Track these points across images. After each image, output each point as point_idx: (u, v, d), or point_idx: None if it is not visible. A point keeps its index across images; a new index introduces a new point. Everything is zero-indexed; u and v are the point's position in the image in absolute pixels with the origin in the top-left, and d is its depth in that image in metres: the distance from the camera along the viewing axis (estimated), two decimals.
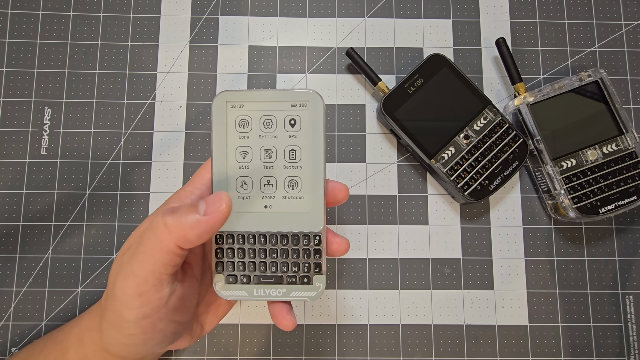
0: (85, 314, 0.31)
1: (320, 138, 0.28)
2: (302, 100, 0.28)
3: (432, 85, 0.39)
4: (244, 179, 0.29)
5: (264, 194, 0.29)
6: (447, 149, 0.38)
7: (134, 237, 0.27)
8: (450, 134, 0.38)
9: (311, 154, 0.28)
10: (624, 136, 0.38)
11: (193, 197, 0.28)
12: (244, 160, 0.29)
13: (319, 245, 0.29)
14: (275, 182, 0.29)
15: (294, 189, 0.29)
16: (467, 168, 0.38)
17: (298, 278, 0.29)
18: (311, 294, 0.29)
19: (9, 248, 0.39)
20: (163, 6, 0.42)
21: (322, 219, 0.29)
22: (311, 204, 0.29)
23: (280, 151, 0.29)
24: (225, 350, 0.38)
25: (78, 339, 0.30)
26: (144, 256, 0.25)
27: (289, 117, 0.28)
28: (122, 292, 0.25)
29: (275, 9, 0.43)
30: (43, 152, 0.40)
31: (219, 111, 0.28)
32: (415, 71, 0.39)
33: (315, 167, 0.28)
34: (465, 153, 0.38)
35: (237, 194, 0.29)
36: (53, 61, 0.41)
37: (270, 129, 0.29)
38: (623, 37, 0.43)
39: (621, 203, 0.37)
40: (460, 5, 0.43)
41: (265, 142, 0.29)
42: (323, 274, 0.29)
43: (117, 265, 0.26)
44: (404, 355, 0.38)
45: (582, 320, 0.39)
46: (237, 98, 0.28)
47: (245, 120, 0.29)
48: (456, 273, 0.40)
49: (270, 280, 0.29)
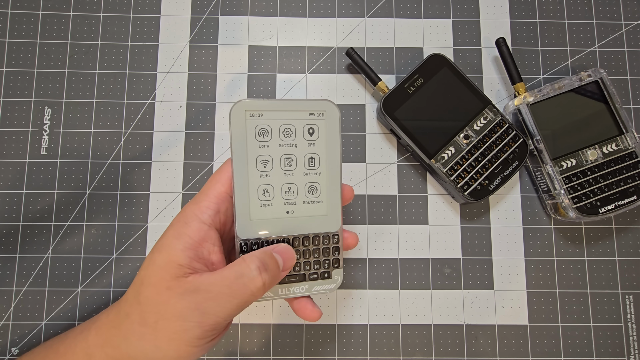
0: (92, 330, 0.30)
1: (337, 145, 0.30)
2: (319, 110, 0.30)
3: (432, 85, 0.39)
4: (266, 187, 0.30)
5: (286, 200, 0.30)
6: (447, 149, 0.38)
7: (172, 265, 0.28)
8: (450, 133, 0.38)
9: (328, 160, 0.30)
10: (624, 136, 0.38)
11: (210, 213, 0.29)
12: (265, 169, 0.30)
13: (337, 243, 0.31)
14: (296, 189, 0.30)
15: (314, 194, 0.30)
16: (467, 168, 0.38)
17: (319, 274, 0.31)
18: (331, 286, 0.31)
19: (9, 248, 0.39)
20: (163, 6, 0.42)
21: (340, 220, 0.31)
22: (329, 207, 0.31)
23: (300, 159, 0.30)
24: (225, 350, 0.38)
25: (86, 354, 0.29)
26: (230, 304, 0.27)
27: (308, 126, 0.30)
28: (199, 327, 0.26)
29: (275, 9, 0.43)
30: (43, 152, 0.40)
31: (238, 120, 0.29)
32: (415, 71, 0.39)
33: (333, 172, 0.30)
34: (465, 153, 0.38)
35: (260, 202, 0.30)
36: (53, 61, 0.41)
37: (290, 137, 0.30)
38: (623, 37, 0.43)
39: (621, 203, 0.37)
40: (460, 5, 0.43)
41: (285, 150, 0.30)
42: (341, 267, 0.31)
43: (192, 303, 0.27)
44: (404, 355, 0.38)
45: (582, 320, 0.39)
46: (255, 107, 0.29)
47: (265, 129, 0.29)
48: (456, 273, 0.40)
49: (294, 279, 0.31)
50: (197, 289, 0.27)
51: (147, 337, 0.27)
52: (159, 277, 0.27)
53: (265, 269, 0.27)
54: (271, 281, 0.28)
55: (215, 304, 0.26)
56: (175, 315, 0.26)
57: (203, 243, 0.28)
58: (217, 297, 0.26)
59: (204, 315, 0.26)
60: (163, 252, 0.28)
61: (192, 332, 0.26)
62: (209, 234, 0.28)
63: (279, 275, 0.28)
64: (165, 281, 0.27)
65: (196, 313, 0.26)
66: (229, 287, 0.26)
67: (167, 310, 0.27)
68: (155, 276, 0.28)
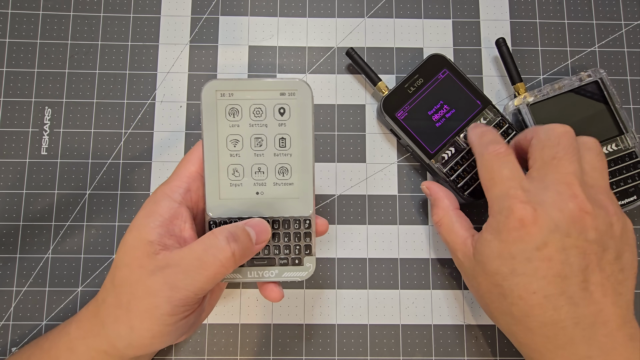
0: (73, 323, 0.31)
1: (309, 126, 0.29)
2: (290, 90, 0.29)
3: (432, 85, 0.39)
4: (236, 167, 0.30)
5: (256, 181, 0.30)
6: (447, 149, 0.38)
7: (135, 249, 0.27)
8: (450, 133, 0.38)
9: (300, 141, 0.30)
10: (624, 136, 0.38)
11: (180, 192, 0.29)
12: (235, 149, 0.29)
13: (309, 229, 0.30)
14: (266, 170, 0.30)
15: (284, 175, 0.30)
16: (467, 168, 0.38)
17: (290, 260, 0.30)
18: (302, 274, 0.30)
19: (9, 248, 0.39)
20: (163, 6, 0.42)
21: (312, 204, 0.30)
22: (301, 190, 0.30)
23: (271, 139, 0.30)
24: (225, 350, 0.38)
25: (68, 348, 0.29)
26: (200, 276, 0.26)
27: (279, 105, 0.29)
28: (169, 302, 0.26)
29: (275, 9, 0.43)
30: (43, 152, 0.40)
31: (209, 100, 0.29)
32: (415, 71, 0.39)
33: (305, 154, 0.30)
34: (465, 153, 0.38)
35: (230, 182, 0.30)
36: (53, 61, 0.41)
37: (260, 117, 0.29)
38: (623, 37, 0.43)
39: (621, 203, 0.37)
40: (460, 5, 0.43)
41: (255, 130, 0.29)
42: (313, 255, 0.30)
43: (162, 278, 0.26)
44: (404, 355, 0.38)
45: None
46: (226, 87, 0.29)
47: (235, 109, 0.29)
48: (456, 273, 0.40)
49: (263, 262, 0.30)
50: (167, 264, 0.26)
51: (121, 318, 0.27)
52: (131, 257, 0.27)
53: (235, 239, 0.27)
54: (242, 252, 0.27)
55: (184, 277, 0.26)
56: (145, 292, 0.26)
57: (174, 220, 0.28)
58: (186, 270, 0.26)
59: (172, 290, 0.26)
60: (134, 231, 0.28)
61: (162, 308, 0.26)
62: (179, 211, 0.28)
63: (251, 247, 0.28)
64: (137, 259, 0.27)
65: (165, 288, 0.26)
66: (198, 259, 0.26)
67: (138, 289, 0.26)
68: (128, 256, 0.27)
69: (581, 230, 0.26)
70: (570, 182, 0.27)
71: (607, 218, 0.27)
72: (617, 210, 0.28)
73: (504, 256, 0.27)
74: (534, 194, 0.27)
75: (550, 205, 0.26)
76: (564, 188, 0.27)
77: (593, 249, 0.26)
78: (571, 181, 0.27)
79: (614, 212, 0.27)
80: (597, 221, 0.26)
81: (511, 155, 0.30)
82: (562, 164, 0.28)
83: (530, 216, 0.26)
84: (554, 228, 0.26)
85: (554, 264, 0.26)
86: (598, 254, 0.26)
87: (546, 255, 0.26)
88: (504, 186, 0.28)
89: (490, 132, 0.33)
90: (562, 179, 0.27)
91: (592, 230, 0.26)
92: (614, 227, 0.27)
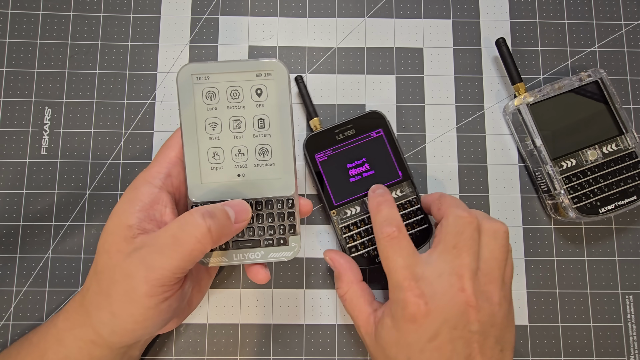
0: (60, 315, 0.31)
1: (287, 106, 0.30)
2: (266, 70, 0.29)
3: (362, 140, 0.38)
4: (216, 150, 0.30)
5: (236, 163, 0.30)
6: (352, 206, 0.37)
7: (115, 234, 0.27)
8: (360, 192, 0.37)
9: (279, 122, 0.30)
10: (624, 136, 0.38)
11: (160, 177, 0.29)
12: (214, 132, 0.29)
13: (292, 208, 0.30)
14: (246, 151, 0.30)
15: (265, 156, 0.30)
16: (362, 232, 0.37)
17: (275, 240, 0.30)
18: (288, 254, 0.30)
19: (9, 248, 0.39)
20: (163, 6, 0.42)
21: (294, 184, 0.30)
22: (282, 170, 0.30)
23: (249, 121, 0.30)
24: (225, 350, 0.38)
25: (57, 340, 0.29)
26: (175, 254, 0.26)
27: (255, 87, 0.29)
28: (146, 282, 0.25)
29: (275, 9, 0.43)
30: (43, 152, 0.40)
31: (185, 84, 0.29)
32: (350, 121, 0.38)
33: (284, 134, 0.30)
34: (367, 217, 0.37)
35: (210, 165, 0.30)
36: (53, 61, 0.41)
37: (238, 99, 0.29)
38: (623, 37, 0.43)
39: (621, 203, 0.37)
40: (460, 5, 0.43)
41: (233, 112, 0.29)
42: (298, 234, 0.30)
43: (138, 259, 0.26)
44: None
45: (582, 320, 0.39)
46: (202, 70, 0.29)
47: (212, 92, 0.29)
48: None
49: (248, 244, 0.30)
50: (143, 245, 0.26)
51: (103, 304, 0.27)
52: (111, 242, 0.27)
53: (211, 216, 0.26)
54: (219, 229, 0.26)
55: (160, 256, 0.26)
56: (123, 275, 0.26)
57: (154, 205, 0.28)
58: (162, 248, 0.26)
59: (148, 270, 0.25)
60: (113, 217, 0.28)
61: (140, 289, 0.25)
62: (159, 196, 0.28)
63: (230, 225, 0.27)
64: (116, 244, 0.27)
65: (141, 268, 0.26)
66: (173, 237, 0.26)
67: (116, 272, 0.26)
68: (108, 242, 0.27)
69: (466, 323, 0.28)
70: (462, 275, 0.29)
71: (490, 308, 0.29)
72: (501, 298, 0.29)
73: (401, 344, 0.29)
74: (428, 284, 0.29)
75: (440, 296, 0.28)
76: (455, 280, 0.29)
77: (475, 338, 0.28)
78: (463, 273, 0.29)
79: (497, 302, 0.29)
80: (480, 314, 0.28)
81: (404, 240, 0.30)
82: (460, 254, 0.29)
83: (423, 311, 0.28)
84: (443, 321, 0.28)
85: (443, 353, 0.28)
86: (480, 342, 0.28)
87: (437, 346, 0.28)
88: (398, 276, 0.29)
89: (386, 205, 0.32)
90: (455, 270, 0.29)
91: (476, 323, 0.28)
92: (495, 316, 0.29)
